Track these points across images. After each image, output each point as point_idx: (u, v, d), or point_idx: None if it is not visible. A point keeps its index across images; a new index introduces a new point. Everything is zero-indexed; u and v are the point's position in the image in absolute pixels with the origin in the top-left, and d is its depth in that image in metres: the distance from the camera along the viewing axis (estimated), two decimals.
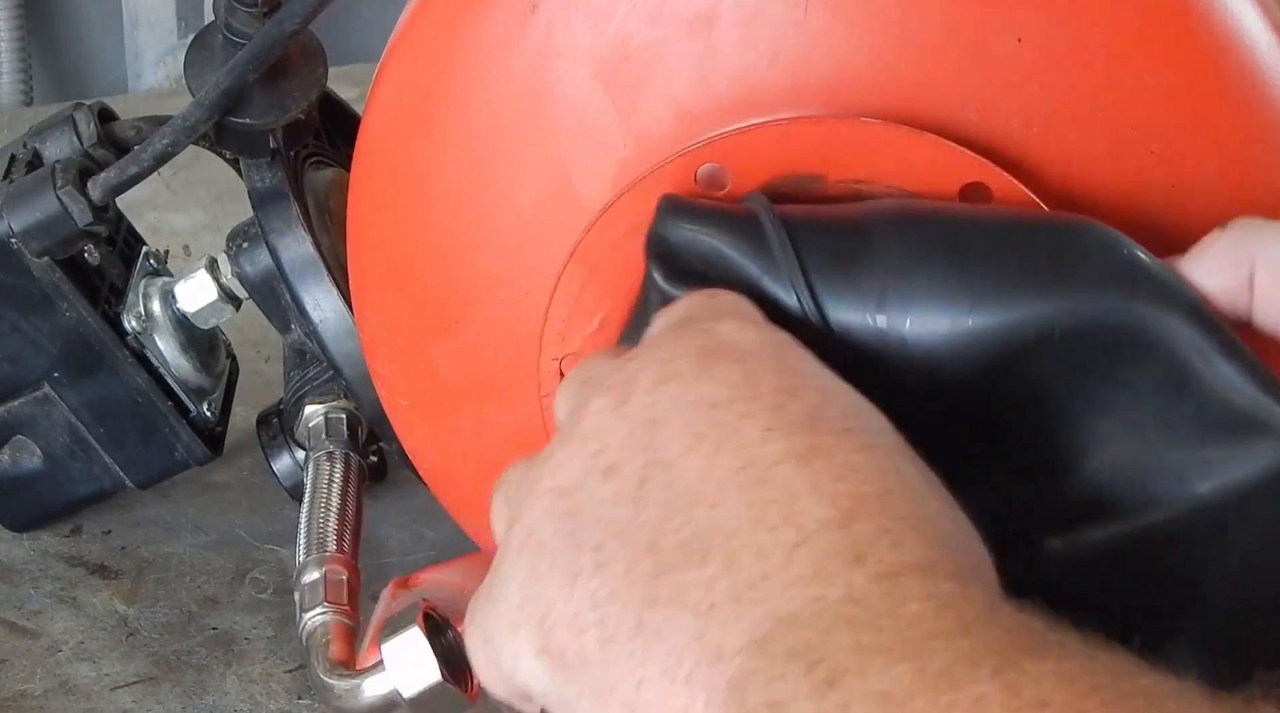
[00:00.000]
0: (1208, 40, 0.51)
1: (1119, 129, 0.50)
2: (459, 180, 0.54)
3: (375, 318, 0.59)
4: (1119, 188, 0.50)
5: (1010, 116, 0.49)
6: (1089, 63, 0.49)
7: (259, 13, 0.64)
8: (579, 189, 0.52)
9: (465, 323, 0.55)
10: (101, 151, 0.70)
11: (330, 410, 0.72)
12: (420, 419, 0.59)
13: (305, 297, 0.67)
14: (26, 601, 0.73)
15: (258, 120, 0.65)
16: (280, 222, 0.67)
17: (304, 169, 0.72)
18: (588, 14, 0.51)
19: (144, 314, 0.72)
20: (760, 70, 0.50)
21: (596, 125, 0.51)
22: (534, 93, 0.52)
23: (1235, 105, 0.51)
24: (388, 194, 0.57)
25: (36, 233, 0.67)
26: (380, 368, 0.60)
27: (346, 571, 0.62)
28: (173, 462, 0.74)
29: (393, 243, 0.57)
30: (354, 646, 0.60)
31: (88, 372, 0.71)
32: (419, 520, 0.78)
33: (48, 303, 0.70)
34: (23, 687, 0.68)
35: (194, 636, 0.71)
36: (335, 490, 0.67)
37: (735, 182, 0.50)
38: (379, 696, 0.55)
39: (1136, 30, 0.50)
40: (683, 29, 0.50)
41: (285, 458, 0.75)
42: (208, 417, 0.74)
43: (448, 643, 0.56)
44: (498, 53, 0.53)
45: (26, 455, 0.74)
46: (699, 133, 0.50)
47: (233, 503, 0.80)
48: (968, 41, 0.49)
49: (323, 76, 0.66)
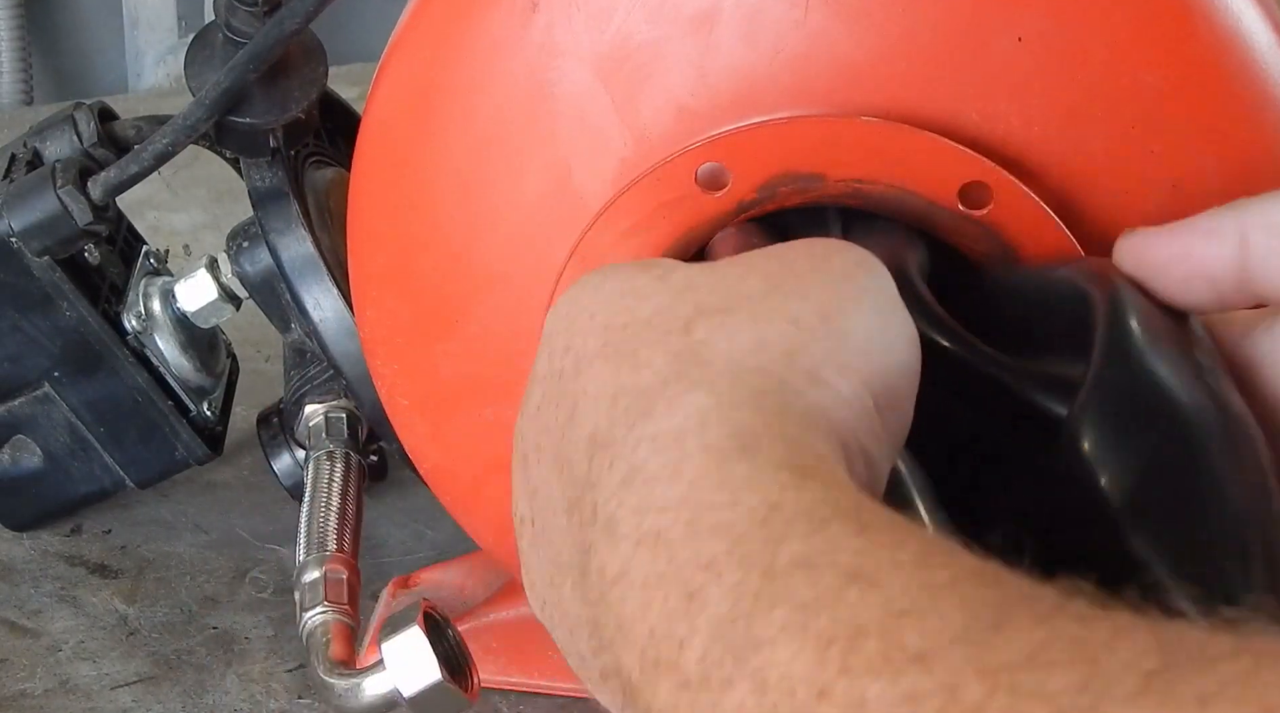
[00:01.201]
0: (1208, 39, 0.51)
1: (1119, 128, 0.50)
2: (459, 179, 0.54)
3: (376, 317, 0.59)
4: (1119, 187, 0.50)
5: (1011, 115, 0.49)
6: (1089, 62, 0.49)
7: (259, 12, 0.64)
8: (579, 187, 0.52)
9: (466, 322, 0.55)
10: (102, 151, 0.70)
11: (330, 410, 0.72)
12: (421, 418, 0.59)
13: (305, 296, 0.67)
14: (26, 600, 0.73)
15: (258, 119, 0.65)
16: (280, 221, 0.67)
17: (304, 168, 0.72)
18: (588, 13, 0.51)
19: (144, 313, 0.72)
20: (761, 69, 0.50)
21: (597, 124, 0.51)
22: (534, 91, 0.52)
23: (1236, 104, 0.51)
24: (388, 193, 0.57)
25: (37, 232, 0.67)
26: (381, 367, 0.59)
27: (346, 570, 0.62)
28: (173, 461, 0.74)
29: (393, 242, 0.57)
30: (354, 645, 0.60)
31: (88, 371, 0.71)
32: (419, 520, 0.78)
33: (48, 302, 0.69)
34: (23, 686, 0.68)
35: (194, 635, 0.71)
36: (335, 490, 0.67)
37: (736, 180, 0.50)
38: (379, 695, 0.55)
39: (1137, 29, 0.50)
40: (683, 27, 0.50)
41: (285, 457, 0.75)
42: (208, 416, 0.74)
43: (448, 642, 0.56)
44: (498, 51, 0.53)
45: (27, 455, 0.74)
46: (699, 131, 0.50)
47: (233, 503, 0.80)
48: (968, 40, 0.49)
49: (323, 76, 0.66)
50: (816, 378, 0.38)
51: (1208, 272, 0.44)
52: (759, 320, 0.39)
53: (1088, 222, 0.50)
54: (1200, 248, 0.44)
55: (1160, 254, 0.45)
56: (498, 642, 0.66)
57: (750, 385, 0.37)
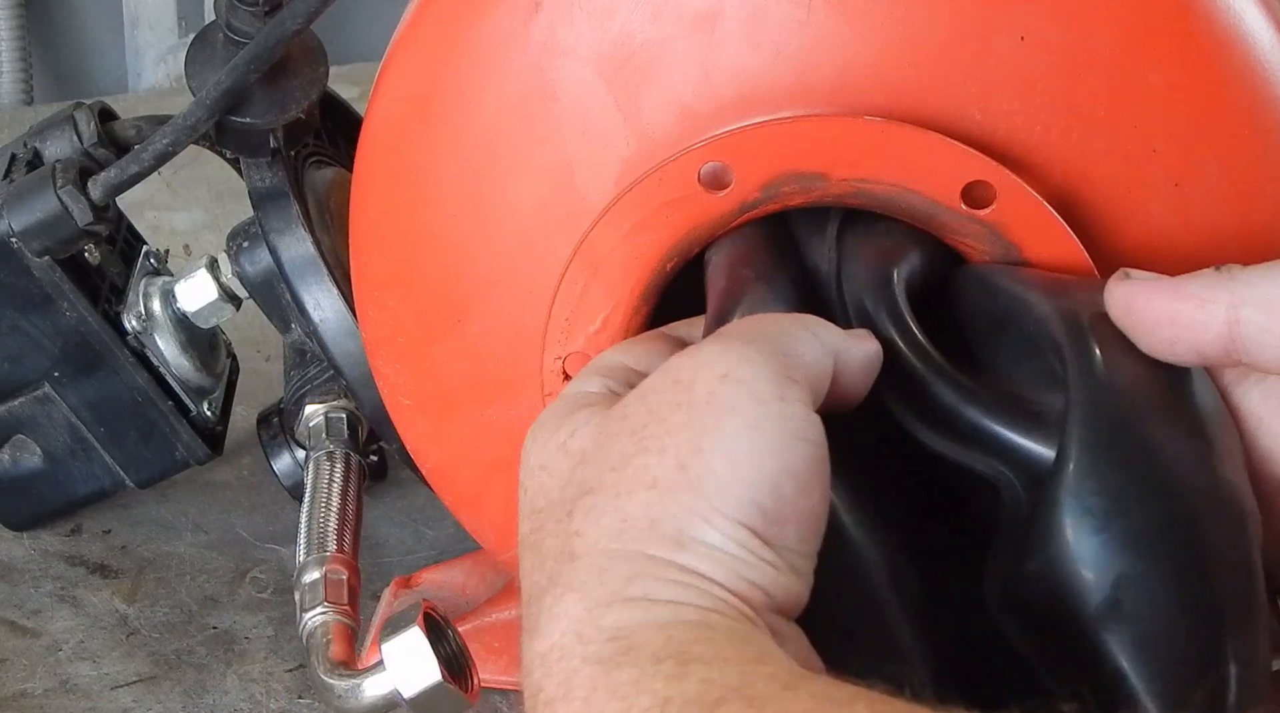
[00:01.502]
0: (1210, 39, 0.51)
1: (1121, 127, 0.50)
2: (462, 179, 0.54)
3: (377, 317, 0.59)
4: (1121, 185, 0.50)
5: (1013, 115, 0.49)
6: (1092, 61, 0.49)
7: (260, 12, 0.64)
8: (582, 188, 0.52)
9: (468, 322, 0.55)
10: (102, 151, 0.70)
11: (330, 410, 0.72)
12: (422, 418, 0.59)
13: (305, 296, 0.67)
14: (27, 600, 0.73)
15: (258, 120, 0.64)
16: (280, 221, 0.67)
17: (304, 168, 0.72)
18: (591, 12, 0.51)
19: (144, 313, 0.72)
20: (763, 68, 0.50)
21: (599, 124, 0.51)
22: (537, 91, 0.52)
23: (1237, 103, 0.51)
24: (390, 193, 0.57)
25: (37, 232, 0.67)
26: (382, 367, 0.59)
27: (347, 570, 0.62)
28: (173, 461, 0.74)
29: (395, 242, 0.57)
30: (354, 645, 0.59)
31: (88, 371, 0.71)
32: (419, 520, 0.78)
33: (48, 302, 0.69)
34: (23, 686, 0.68)
35: (194, 635, 0.71)
36: (335, 490, 0.67)
37: (738, 180, 0.50)
38: (379, 695, 0.55)
39: (1139, 29, 0.50)
40: (686, 27, 0.50)
41: (285, 457, 0.75)
42: (208, 416, 0.74)
43: (448, 643, 0.56)
44: (500, 52, 0.53)
45: (27, 455, 0.74)
46: (702, 131, 0.50)
47: (233, 503, 0.80)
48: (971, 40, 0.49)
49: (323, 76, 0.66)
50: (681, 541, 0.40)
51: (1195, 340, 0.44)
52: (621, 496, 0.41)
53: (1090, 221, 0.50)
54: (1189, 315, 0.44)
55: (1147, 313, 0.44)
56: (499, 642, 0.66)
57: (618, 575, 0.39)
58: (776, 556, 0.40)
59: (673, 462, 0.41)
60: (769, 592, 0.40)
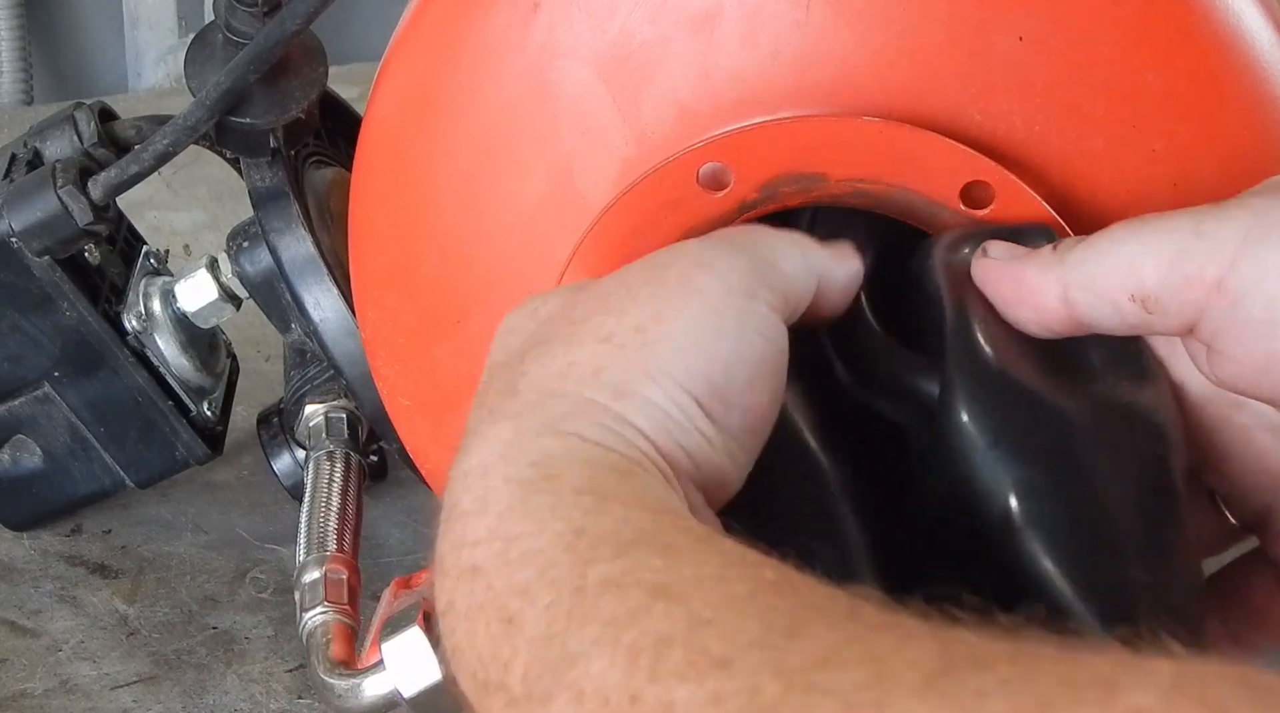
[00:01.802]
0: (1208, 38, 0.51)
1: (1120, 127, 0.50)
2: (461, 179, 0.54)
3: (377, 317, 0.59)
4: (1120, 186, 0.50)
5: (1012, 115, 0.49)
6: (1090, 61, 0.49)
7: (260, 12, 0.64)
8: (581, 188, 0.52)
9: (468, 322, 0.55)
10: (102, 151, 0.70)
11: (330, 410, 0.72)
12: (422, 419, 0.59)
13: (305, 296, 0.67)
14: (26, 600, 0.73)
15: (258, 120, 0.65)
16: (280, 221, 0.67)
17: (304, 168, 0.72)
18: (590, 13, 0.51)
19: (144, 313, 0.72)
20: (762, 69, 0.50)
21: (598, 124, 0.51)
22: (536, 92, 0.52)
23: (1236, 103, 0.51)
24: (390, 193, 0.57)
25: (37, 232, 0.67)
26: (382, 367, 0.59)
27: (347, 570, 0.62)
28: (173, 461, 0.74)
29: (395, 242, 0.57)
30: (354, 645, 0.59)
31: (88, 371, 0.71)
32: (419, 520, 0.78)
33: (48, 302, 0.69)
34: (23, 686, 0.68)
35: (194, 635, 0.71)
36: (335, 490, 0.67)
37: (737, 180, 0.50)
38: (379, 695, 0.55)
39: (1138, 28, 0.50)
40: (685, 28, 0.50)
41: (285, 457, 0.75)
42: (208, 416, 0.74)
43: None
44: (500, 52, 0.53)
45: (27, 455, 0.74)
46: (701, 131, 0.50)
47: (233, 502, 0.80)
48: (969, 40, 0.49)
49: (323, 76, 0.66)
50: (622, 391, 0.40)
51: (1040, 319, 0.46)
52: (572, 344, 0.42)
53: (1089, 221, 0.50)
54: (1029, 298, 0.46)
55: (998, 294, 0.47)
56: None
57: (553, 410, 0.40)
58: (715, 431, 0.41)
59: (631, 324, 0.41)
60: (697, 462, 0.41)
